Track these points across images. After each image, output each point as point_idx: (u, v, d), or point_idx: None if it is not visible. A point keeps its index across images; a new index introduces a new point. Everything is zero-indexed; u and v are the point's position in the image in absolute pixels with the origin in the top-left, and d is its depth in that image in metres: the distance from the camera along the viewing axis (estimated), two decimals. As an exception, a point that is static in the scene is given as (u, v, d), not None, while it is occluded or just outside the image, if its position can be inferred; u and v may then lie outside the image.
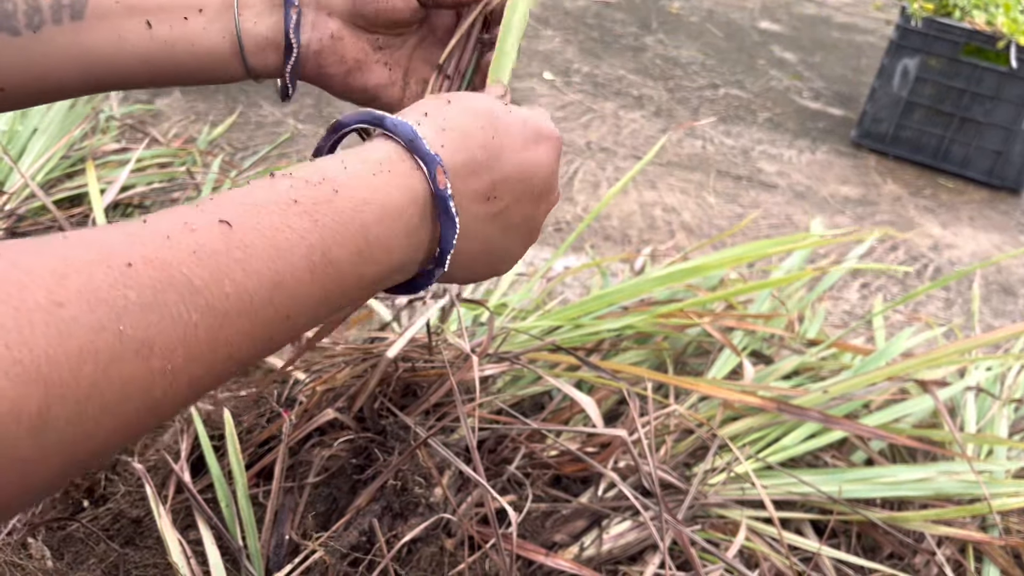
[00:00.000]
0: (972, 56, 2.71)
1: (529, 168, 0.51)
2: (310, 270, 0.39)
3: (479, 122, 0.49)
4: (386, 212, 0.43)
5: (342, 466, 1.04)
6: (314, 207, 0.40)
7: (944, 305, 2.04)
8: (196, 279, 0.34)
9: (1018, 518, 1.18)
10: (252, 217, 0.38)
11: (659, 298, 1.37)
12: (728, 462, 1.11)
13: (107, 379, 0.31)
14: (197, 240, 0.35)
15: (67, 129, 1.61)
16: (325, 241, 0.39)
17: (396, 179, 0.44)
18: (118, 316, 0.31)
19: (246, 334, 0.36)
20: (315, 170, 0.42)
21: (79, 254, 0.32)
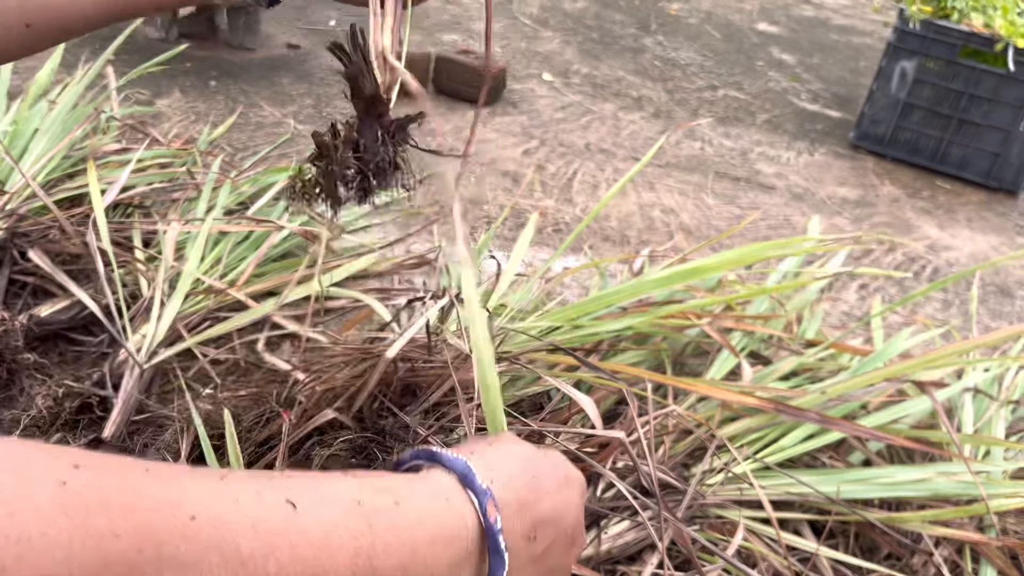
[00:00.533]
0: (970, 58, 2.72)
1: (562, 510, 0.53)
2: (351, 570, 0.40)
3: (521, 465, 0.52)
4: (439, 535, 0.44)
5: (342, 466, 1.04)
6: (374, 512, 0.41)
7: (942, 306, 2.05)
8: (246, 550, 0.35)
9: (1015, 519, 1.19)
10: (315, 505, 0.39)
11: (658, 299, 1.37)
12: (726, 462, 1.11)
13: None
14: (260, 513, 0.37)
15: (68, 129, 1.61)
16: (375, 547, 0.41)
17: (453, 508, 0.46)
18: (160, 561, 0.32)
19: None
20: (383, 481, 0.44)
21: (152, 492, 0.34)
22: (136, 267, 1.38)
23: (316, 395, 1.08)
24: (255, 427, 1.08)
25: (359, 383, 1.08)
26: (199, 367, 1.27)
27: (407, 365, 1.12)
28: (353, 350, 1.16)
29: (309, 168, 0.71)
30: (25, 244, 1.34)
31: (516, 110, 2.77)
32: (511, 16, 3.71)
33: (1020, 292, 2.20)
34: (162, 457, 1.05)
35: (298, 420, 1.05)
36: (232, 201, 1.63)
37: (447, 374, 1.08)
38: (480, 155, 2.39)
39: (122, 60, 2.37)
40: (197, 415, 1.04)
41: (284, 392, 1.12)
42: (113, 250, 1.34)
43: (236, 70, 2.62)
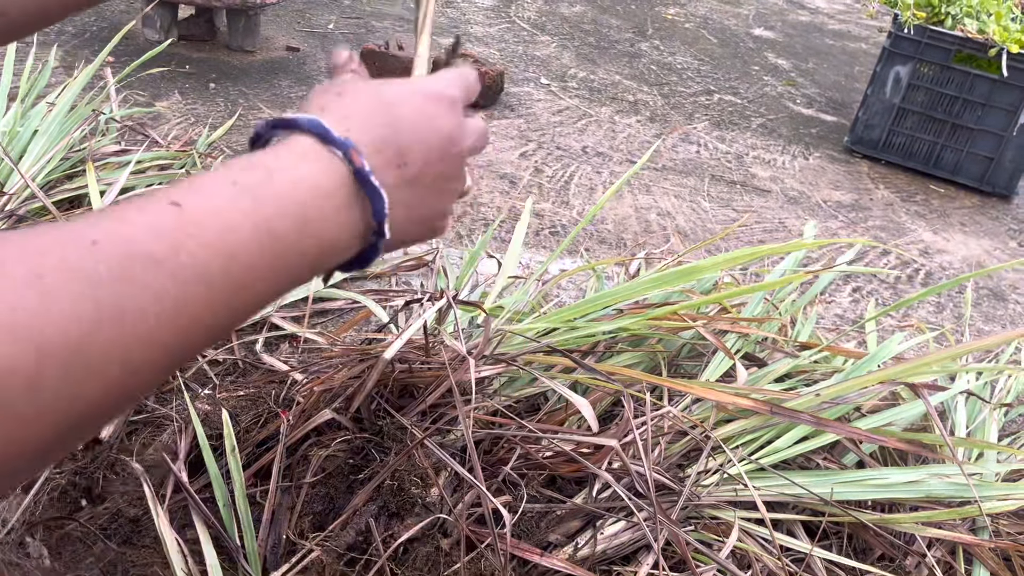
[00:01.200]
0: (964, 63, 2.74)
1: (425, 131, 0.55)
2: (258, 243, 0.43)
3: (372, 102, 0.54)
4: (318, 191, 0.47)
5: (339, 466, 1.05)
6: (253, 188, 0.44)
7: (935, 309, 2.06)
8: (156, 251, 0.38)
9: (1008, 520, 1.20)
10: (199, 199, 0.42)
11: (653, 301, 1.38)
12: (721, 464, 1.12)
13: (90, 342, 0.35)
14: (153, 220, 0.39)
15: (67, 131, 1.61)
16: (267, 216, 0.43)
17: (320, 164, 0.48)
18: (93, 286, 0.35)
19: (207, 301, 0.40)
20: (248, 160, 0.46)
21: (50, 235, 0.36)
22: (134, 268, 1.38)
23: (314, 396, 1.09)
24: (253, 427, 1.09)
25: (357, 384, 1.09)
26: (197, 367, 1.27)
27: (404, 366, 1.12)
28: (351, 351, 1.17)
29: None
30: (24, 245, 1.34)
31: (513, 113, 2.77)
32: (509, 20, 3.72)
33: (1013, 296, 2.22)
34: (160, 457, 1.05)
35: (296, 420, 1.06)
36: (230, 203, 1.63)
37: (444, 375, 1.09)
38: (477, 157, 2.40)
39: (121, 62, 2.37)
40: (195, 415, 1.05)
41: (282, 392, 1.12)
42: (111, 251, 1.34)
43: (235, 72, 2.63)
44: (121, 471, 1.06)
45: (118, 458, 1.07)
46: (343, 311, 1.50)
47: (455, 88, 0.59)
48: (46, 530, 1.01)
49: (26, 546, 0.99)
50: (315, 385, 1.10)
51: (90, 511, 1.04)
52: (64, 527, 1.01)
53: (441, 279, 1.61)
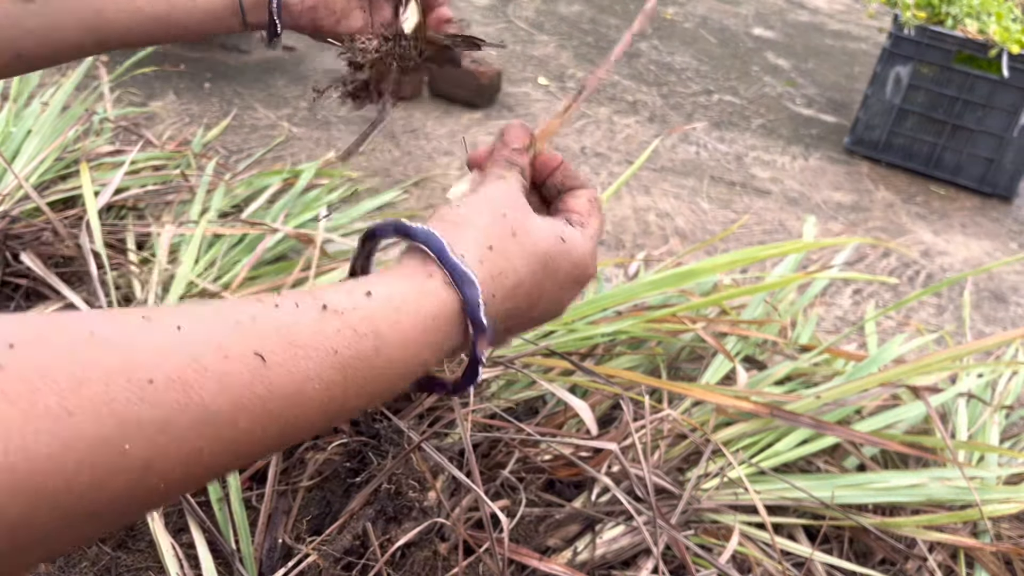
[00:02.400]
0: (964, 64, 2.73)
1: (552, 308, 0.53)
2: (323, 414, 0.39)
3: (532, 268, 0.49)
4: (413, 366, 0.43)
5: (336, 470, 1.04)
6: (351, 362, 0.39)
7: (936, 311, 2.05)
8: (213, 407, 0.34)
9: (1009, 524, 1.19)
10: (287, 357, 0.37)
11: (653, 303, 1.37)
12: (721, 467, 1.11)
13: (99, 492, 0.31)
14: (226, 369, 0.35)
15: (61, 131, 1.60)
16: (347, 394, 0.39)
17: (438, 337, 0.44)
18: (125, 434, 0.31)
19: (243, 458, 0.37)
20: (367, 318, 0.41)
21: (100, 361, 0.31)
22: (129, 270, 1.37)
23: (310, 399, 1.07)
24: (248, 431, 1.08)
25: (353, 387, 1.08)
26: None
27: (401, 369, 1.11)
28: (347, 353, 1.16)
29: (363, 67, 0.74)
30: (18, 246, 1.33)
31: (511, 113, 2.77)
32: (506, 19, 3.71)
33: (1014, 297, 2.21)
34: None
35: (292, 424, 1.05)
36: (226, 204, 1.63)
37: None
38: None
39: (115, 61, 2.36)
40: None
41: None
42: (106, 252, 1.34)
43: (231, 72, 2.62)
44: (115, 475, 1.05)
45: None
46: (340, 312, 1.49)
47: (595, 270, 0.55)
48: (39, 534, 1.00)
49: (19, 550, 0.98)
50: (311, 388, 1.09)
51: (84, 515, 1.03)
52: (57, 531, 1.00)
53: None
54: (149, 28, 0.62)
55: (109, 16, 0.60)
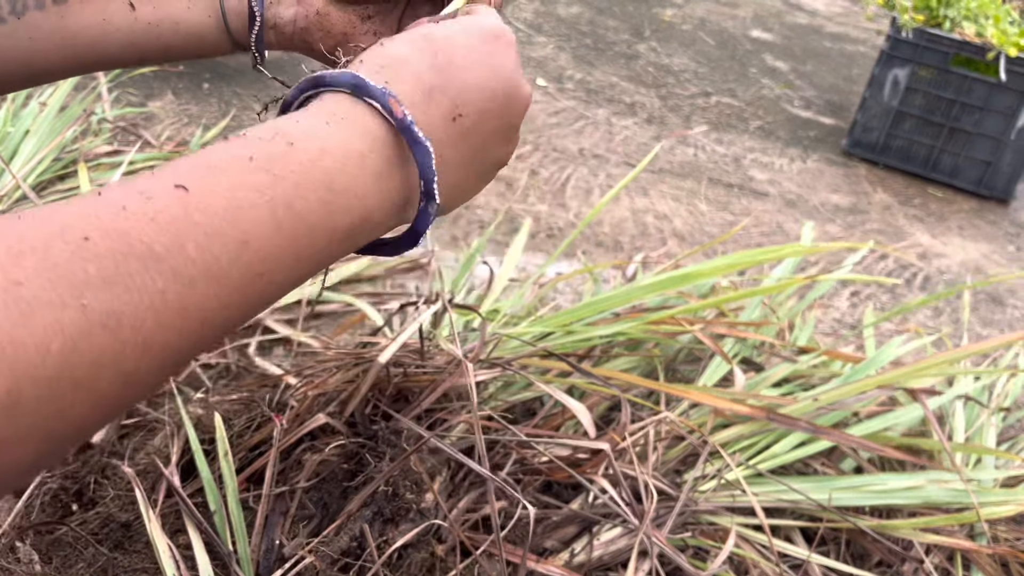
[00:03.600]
0: (962, 67, 2.73)
1: (485, 73, 0.49)
2: (276, 225, 0.38)
3: (416, 46, 0.48)
4: (348, 158, 0.42)
5: (333, 471, 1.04)
6: (270, 162, 0.39)
7: (933, 314, 2.06)
8: (157, 246, 0.34)
9: (1006, 526, 1.19)
10: (208, 179, 0.37)
11: (650, 305, 1.37)
12: (719, 469, 1.11)
13: (76, 355, 0.31)
14: (154, 207, 0.35)
15: (59, 131, 1.60)
16: (287, 194, 0.39)
17: (351, 124, 0.43)
18: (80, 291, 0.31)
19: (217, 297, 0.36)
20: (267, 128, 0.41)
21: (33, 232, 0.32)
22: (127, 270, 1.37)
23: (308, 400, 1.08)
24: (246, 432, 1.08)
25: (351, 388, 1.08)
26: (190, 371, 1.26)
27: (400, 370, 1.11)
28: (345, 355, 1.16)
29: None
30: (15, 246, 1.33)
31: (510, 115, 2.77)
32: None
33: (1011, 300, 2.21)
34: (152, 462, 1.04)
35: (290, 425, 1.05)
36: (224, 204, 1.62)
37: (440, 379, 1.08)
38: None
39: (115, 62, 2.36)
40: (188, 419, 1.03)
41: (276, 396, 1.11)
42: (104, 253, 1.34)
43: (229, 72, 2.62)
44: (112, 475, 1.05)
45: (109, 462, 1.06)
46: (337, 314, 1.49)
47: (506, 28, 0.52)
48: (37, 535, 1.00)
49: (16, 551, 0.98)
50: (309, 389, 1.09)
51: (81, 516, 1.03)
52: (55, 532, 1.00)
53: (436, 282, 1.60)
54: (128, 50, 0.59)
55: (84, 39, 0.58)
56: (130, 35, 0.58)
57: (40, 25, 0.56)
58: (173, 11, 0.59)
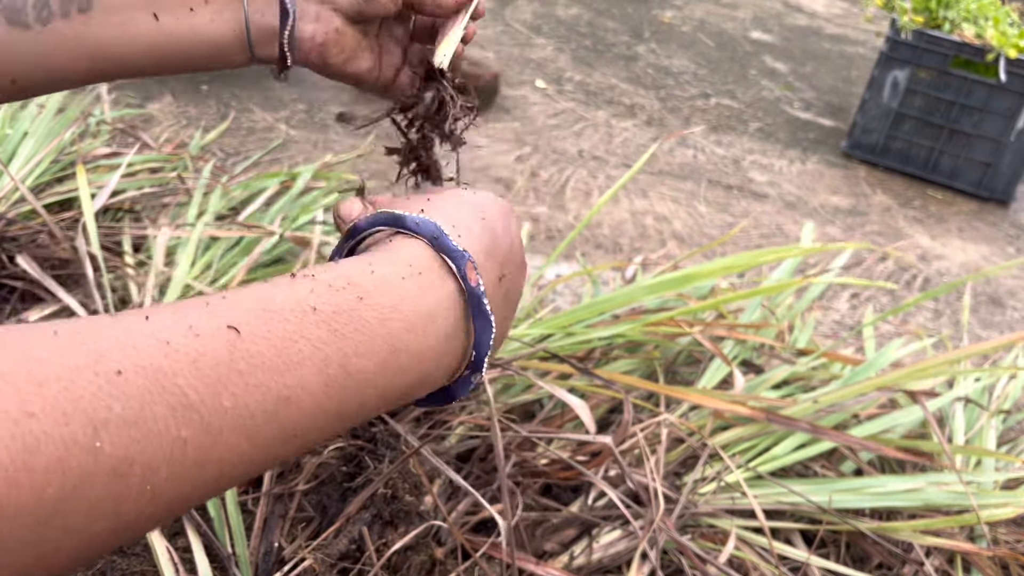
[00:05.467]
0: (961, 68, 2.73)
1: (513, 243, 0.50)
2: (324, 384, 0.35)
3: (469, 209, 0.47)
4: (417, 319, 0.39)
5: (332, 474, 1.03)
6: (334, 316, 0.36)
7: (933, 316, 2.05)
8: (191, 392, 0.31)
9: (1006, 528, 1.19)
10: (264, 324, 0.34)
11: (650, 307, 1.37)
12: (718, 471, 1.11)
13: (74, 499, 0.28)
14: (199, 347, 0.32)
15: (57, 133, 1.60)
16: (344, 352, 0.36)
17: (427, 283, 0.41)
18: (96, 430, 0.28)
19: (240, 453, 0.33)
20: (339, 274, 0.38)
21: (64, 357, 0.29)
22: (126, 272, 1.37)
23: (306, 402, 1.07)
24: (245, 434, 1.08)
25: (350, 390, 1.07)
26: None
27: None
28: (344, 357, 1.15)
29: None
30: (13, 249, 1.33)
31: (509, 116, 2.77)
32: (504, 22, 3.71)
33: (1011, 302, 2.21)
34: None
35: (288, 427, 1.05)
36: (223, 206, 1.62)
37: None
38: (472, 161, 2.39)
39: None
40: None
41: (274, 399, 1.11)
42: (103, 255, 1.33)
43: (228, 75, 2.62)
44: (110, 478, 1.05)
45: (107, 465, 1.06)
46: (337, 315, 1.48)
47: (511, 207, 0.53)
48: (34, 538, 1.00)
49: (14, 554, 0.98)
50: (308, 391, 1.08)
51: (79, 519, 1.02)
52: (52, 535, 1.00)
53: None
54: (149, 60, 0.60)
55: (107, 48, 0.58)
56: (152, 45, 0.59)
57: (64, 33, 0.56)
58: (197, 23, 0.59)
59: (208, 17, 0.60)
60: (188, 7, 0.59)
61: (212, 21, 0.60)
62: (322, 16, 0.64)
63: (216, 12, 0.60)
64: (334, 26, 0.64)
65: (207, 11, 0.60)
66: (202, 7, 0.59)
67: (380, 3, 0.63)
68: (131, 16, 0.58)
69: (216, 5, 0.60)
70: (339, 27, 0.64)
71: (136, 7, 0.58)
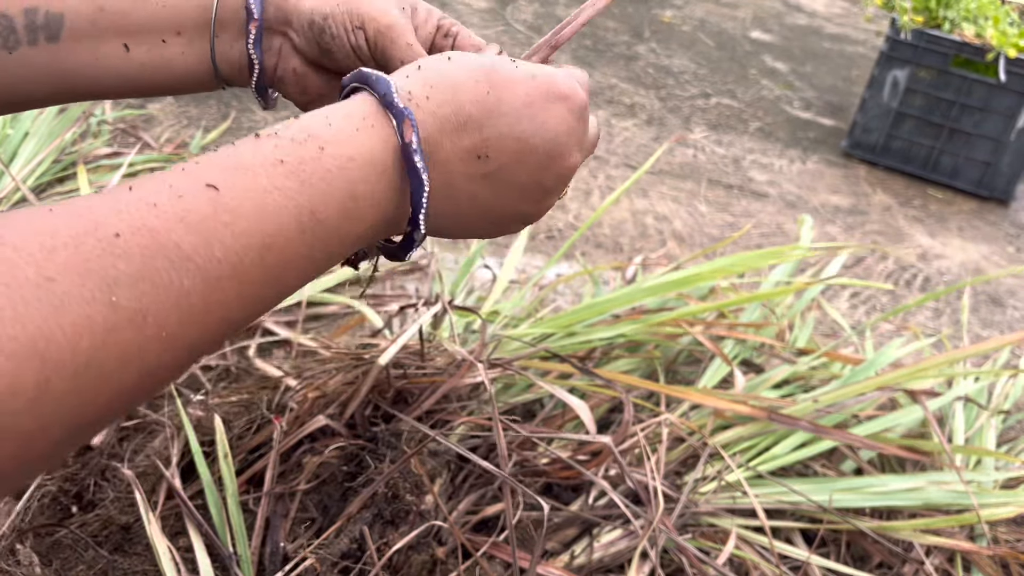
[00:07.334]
0: (961, 68, 2.73)
1: (530, 128, 0.48)
2: (299, 230, 0.39)
3: (474, 75, 0.47)
4: (372, 168, 0.43)
5: (333, 473, 1.04)
6: (300, 166, 0.40)
7: (933, 315, 2.06)
8: (185, 245, 0.35)
9: (1006, 528, 1.19)
10: (239, 180, 0.38)
11: (650, 307, 1.37)
12: (719, 471, 1.11)
13: (104, 349, 0.32)
14: (185, 206, 0.36)
15: (58, 133, 1.60)
16: (313, 201, 0.40)
17: (377, 133, 0.43)
18: (110, 287, 0.32)
19: (238, 295, 0.37)
20: (300, 128, 0.42)
21: (66, 227, 0.33)
22: (127, 272, 1.37)
23: (308, 402, 1.08)
24: (246, 433, 1.08)
25: (351, 390, 1.08)
26: (190, 373, 1.26)
27: (399, 372, 1.11)
28: (345, 356, 1.16)
29: None
30: (15, 248, 1.33)
31: (509, 116, 2.77)
32: (505, 23, 3.71)
33: (1011, 301, 2.21)
34: (152, 464, 1.04)
35: (289, 427, 1.05)
36: (224, 206, 1.62)
37: (440, 381, 1.08)
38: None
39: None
40: (188, 421, 1.03)
41: (275, 398, 1.11)
42: (104, 255, 1.33)
43: (229, 74, 2.62)
44: (112, 477, 1.05)
45: (109, 464, 1.06)
46: (337, 316, 1.49)
47: (583, 91, 0.51)
48: (36, 537, 1.00)
49: (16, 553, 0.98)
50: (309, 391, 1.09)
51: (81, 518, 1.03)
52: (55, 534, 1.00)
53: (436, 284, 1.60)
54: (119, 86, 0.59)
55: (74, 76, 0.58)
56: (123, 73, 0.59)
57: (32, 61, 0.56)
58: (168, 54, 0.59)
59: (179, 49, 0.59)
60: (160, 38, 0.58)
61: (183, 53, 0.59)
62: (283, 54, 0.62)
63: (187, 44, 0.59)
64: (291, 67, 0.62)
65: (179, 43, 0.59)
66: (174, 38, 0.59)
67: (336, 58, 0.60)
68: (101, 46, 0.57)
69: (187, 36, 0.59)
70: (298, 69, 0.62)
71: (106, 38, 0.57)
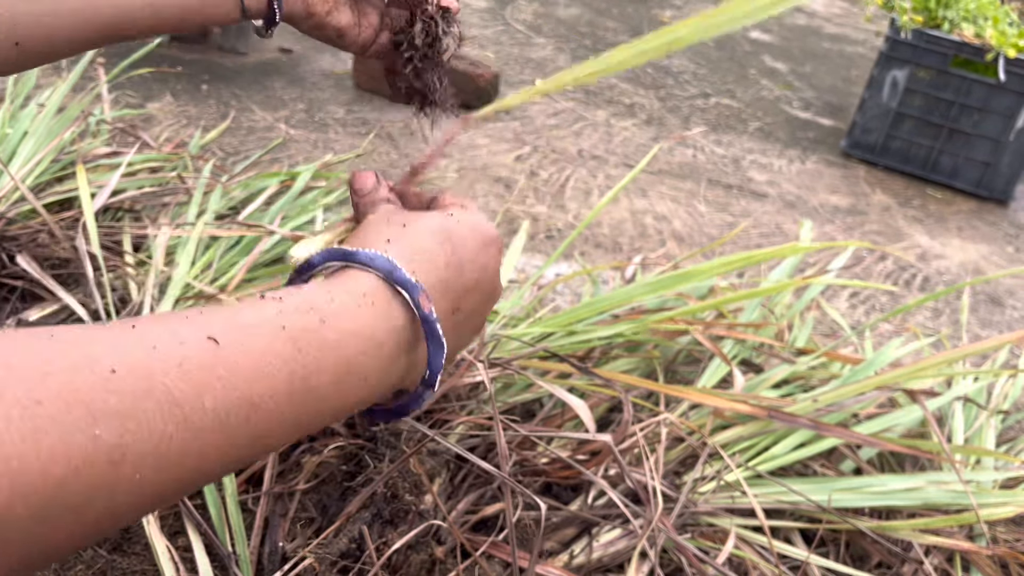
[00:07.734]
0: (961, 68, 2.74)
1: (481, 276, 0.53)
2: (289, 395, 0.40)
3: (439, 240, 0.51)
4: (369, 345, 0.44)
5: (332, 473, 1.04)
6: (301, 334, 0.41)
7: (932, 315, 2.06)
8: (177, 391, 0.35)
9: (1005, 528, 1.19)
10: (240, 337, 0.39)
11: (650, 306, 1.37)
12: (718, 470, 1.11)
13: (75, 481, 0.31)
14: (184, 353, 0.36)
15: (57, 132, 1.60)
16: (307, 368, 0.41)
17: (379, 312, 0.45)
18: (95, 420, 0.32)
19: (217, 449, 0.37)
20: (303, 299, 0.43)
21: (64, 355, 0.33)
22: (126, 272, 1.37)
23: (307, 401, 1.07)
24: (245, 433, 1.08)
25: (350, 389, 1.07)
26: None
27: (398, 371, 1.11)
28: (344, 356, 1.15)
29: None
30: (13, 248, 1.33)
31: (509, 116, 2.77)
32: (504, 22, 3.71)
33: (1010, 301, 2.21)
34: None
35: (288, 426, 1.05)
36: (223, 206, 1.62)
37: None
38: (472, 161, 2.39)
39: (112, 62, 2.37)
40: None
41: (274, 398, 1.11)
42: (103, 254, 1.33)
43: (228, 74, 2.62)
44: (111, 477, 1.05)
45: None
46: (337, 315, 1.48)
47: (497, 232, 0.57)
48: (34, 537, 1.00)
49: (14, 553, 0.98)
50: (308, 390, 1.08)
51: (79, 518, 1.02)
52: (53, 534, 1.00)
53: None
54: (149, 19, 0.62)
55: (109, 8, 0.60)
56: (151, 2, 0.61)
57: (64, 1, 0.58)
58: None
59: None
60: None
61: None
62: None
63: None
64: None
65: None
66: None
67: None
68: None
69: None
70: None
71: None
